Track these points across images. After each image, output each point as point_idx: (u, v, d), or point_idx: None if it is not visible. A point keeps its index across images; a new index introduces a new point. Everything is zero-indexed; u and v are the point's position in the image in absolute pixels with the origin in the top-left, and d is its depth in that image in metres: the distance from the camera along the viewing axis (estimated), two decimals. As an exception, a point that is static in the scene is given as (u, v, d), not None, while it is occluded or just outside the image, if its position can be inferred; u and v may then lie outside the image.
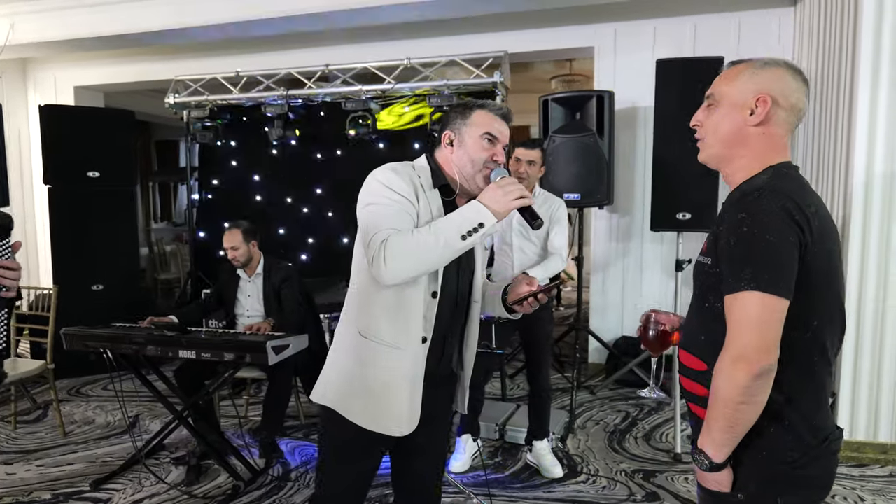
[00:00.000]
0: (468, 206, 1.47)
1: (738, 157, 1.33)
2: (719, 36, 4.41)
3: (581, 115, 4.07)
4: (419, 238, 1.43)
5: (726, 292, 1.21)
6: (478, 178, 1.60)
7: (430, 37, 4.97)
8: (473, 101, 1.66)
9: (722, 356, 1.20)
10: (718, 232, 1.24)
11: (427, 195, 1.58)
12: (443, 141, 1.65)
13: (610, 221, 4.79)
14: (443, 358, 1.71)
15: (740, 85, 1.31)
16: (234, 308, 3.53)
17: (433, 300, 1.60)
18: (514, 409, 3.87)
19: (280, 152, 5.10)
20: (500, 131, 1.62)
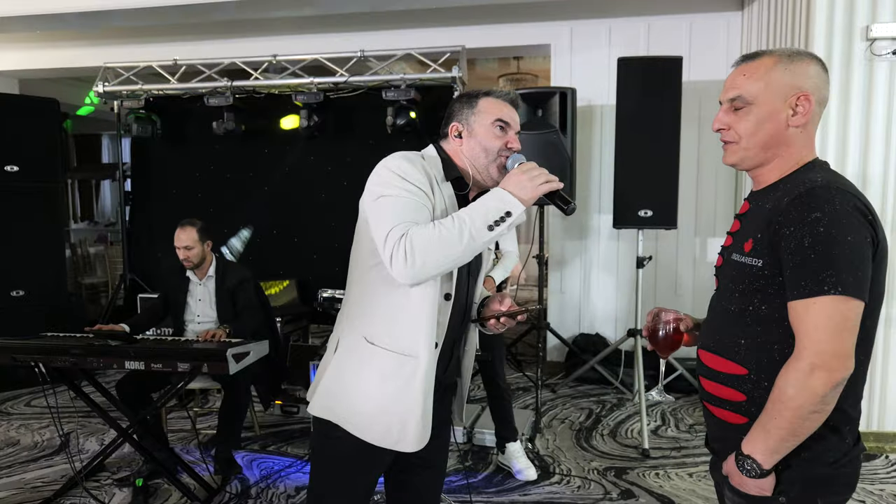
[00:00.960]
0: (492, 195, 1.36)
1: (775, 159, 1.28)
2: (672, 37, 4.50)
3: (543, 111, 4.04)
4: (443, 231, 1.31)
5: (798, 296, 1.14)
6: (492, 169, 1.51)
7: (385, 29, 4.82)
8: (477, 89, 1.56)
9: (795, 364, 1.14)
10: (781, 233, 1.17)
11: (441, 188, 1.46)
12: (450, 133, 1.54)
13: (567, 219, 4.79)
14: (450, 365, 1.60)
15: (776, 83, 1.24)
16: (183, 313, 3.26)
17: (446, 303, 1.47)
18: (479, 411, 3.79)
19: (224, 147, 4.79)
20: (511, 117, 1.53)
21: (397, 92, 4.28)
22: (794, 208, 1.16)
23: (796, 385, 1.12)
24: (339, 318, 1.57)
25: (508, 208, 1.33)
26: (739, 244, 1.30)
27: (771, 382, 1.21)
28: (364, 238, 1.47)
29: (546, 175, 1.38)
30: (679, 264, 4.68)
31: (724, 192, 4.58)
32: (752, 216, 1.32)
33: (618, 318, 4.77)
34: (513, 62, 7.23)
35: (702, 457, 3.32)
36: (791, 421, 1.14)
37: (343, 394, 1.49)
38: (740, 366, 1.26)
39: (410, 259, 1.30)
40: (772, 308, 1.22)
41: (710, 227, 4.61)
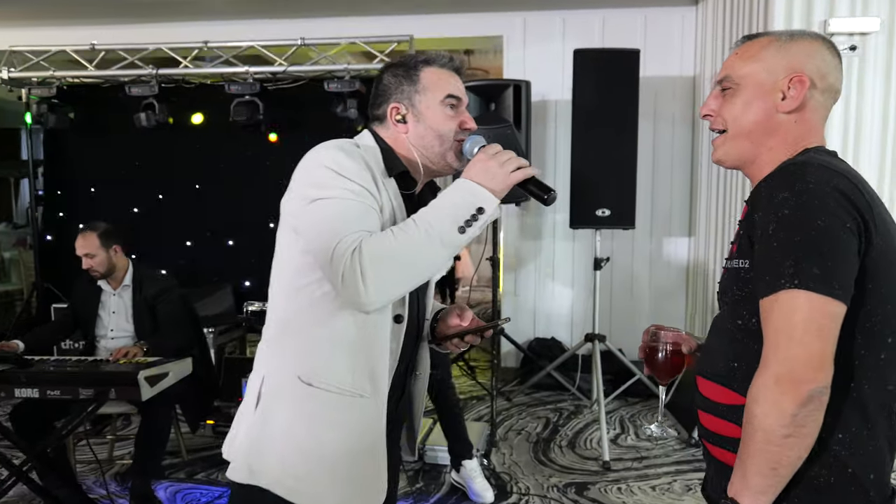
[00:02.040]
0: (457, 189, 1.11)
1: (762, 150, 1.09)
2: (627, 30, 4.36)
3: (496, 105, 3.82)
4: (405, 239, 1.07)
5: (762, 294, 0.95)
6: (449, 157, 1.25)
7: (328, 16, 4.50)
8: (411, 56, 1.28)
9: (759, 376, 0.94)
10: (752, 220, 0.99)
11: (385, 185, 1.20)
12: (389, 117, 1.26)
13: (521, 219, 4.60)
14: (402, 397, 1.35)
15: (766, 63, 1.06)
16: (95, 328, 2.87)
17: (398, 326, 1.22)
18: (430, 426, 3.53)
19: (150, 141, 4.38)
20: (460, 90, 1.27)
21: (341, 83, 4.00)
22: (763, 190, 0.98)
23: (761, 401, 0.93)
24: (260, 351, 1.26)
25: (480, 203, 1.09)
26: (731, 249, 1.11)
27: None
28: (289, 252, 1.20)
29: (517, 159, 1.14)
30: (635, 265, 4.55)
31: (679, 191, 4.48)
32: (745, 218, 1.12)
33: (574, 322, 4.61)
34: (463, 57, 7.03)
35: (664, 467, 3.18)
36: (763, 449, 0.93)
37: (273, 450, 1.18)
38: (736, 393, 1.04)
39: (368, 279, 1.04)
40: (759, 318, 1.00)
41: (666, 226, 4.50)
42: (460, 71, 1.30)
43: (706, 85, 4.18)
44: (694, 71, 4.39)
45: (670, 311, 4.51)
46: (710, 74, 4.10)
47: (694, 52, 4.39)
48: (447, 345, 1.36)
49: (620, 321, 4.54)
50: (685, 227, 4.48)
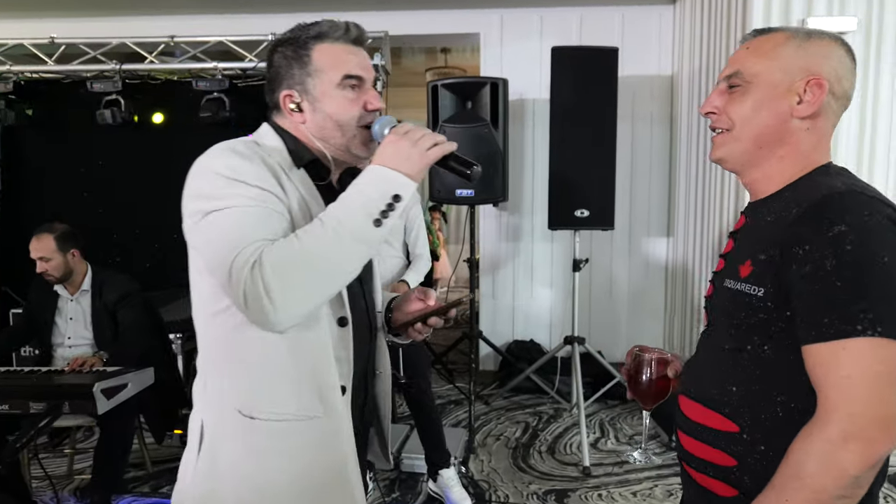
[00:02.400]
0: (368, 177, 1.00)
1: (772, 159, 1.01)
2: (604, 28, 4.31)
3: (473, 104, 3.74)
4: (311, 242, 0.95)
5: (819, 338, 0.86)
6: (354, 145, 1.12)
7: (299, 11, 4.36)
8: (302, 30, 1.11)
9: (820, 431, 0.85)
10: (791, 253, 0.89)
11: (292, 180, 1.07)
12: (283, 106, 1.12)
13: (499, 220, 4.53)
14: (366, 405, 1.23)
15: (782, 62, 0.98)
16: (51, 336, 2.72)
17: (343, 330, 1.10)
18: (407, 433, 3.44)
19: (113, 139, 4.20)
20: (362, 65, 1.12)
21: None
22: (808, 221, 0.89)
23: (821, 460, 0.83)
24: (195, 387, 1.13)
25: (395, 190, 0.98)
26: (734, 268, 1.02)
27: (769, 446, 0.93)
28: (199, 276, 1.07)
29: (432, 135, 1.03)
30: (614, 266, 4.51)
31: (657, 192, 4.45)
32: (750, 233, 1.04)
33: (552, 324, 4.55)
34: (440, 55, 6.93)
35: (644, 472, 3.12)
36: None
37: (225, 494, 1.06)
38: (730, 420, 0.98)
39: (274, 294, 0.92)
40: (777, 349, 0.94)
41: (644, 227, 4.47)
42: (361, 41, 1.14)
43: (684, 84, 4.15)
44: (672, 70, 4.37)
45: (649, 312, 4.48)
46: (688, 73, 4.08)
47: (672, 51, 4.36)
48: (410, 332, 1.25)
49: (599, 322, 4.49)
50: (663, 227, 4.45)
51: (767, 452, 0.94)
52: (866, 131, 3.17)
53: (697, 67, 3.92)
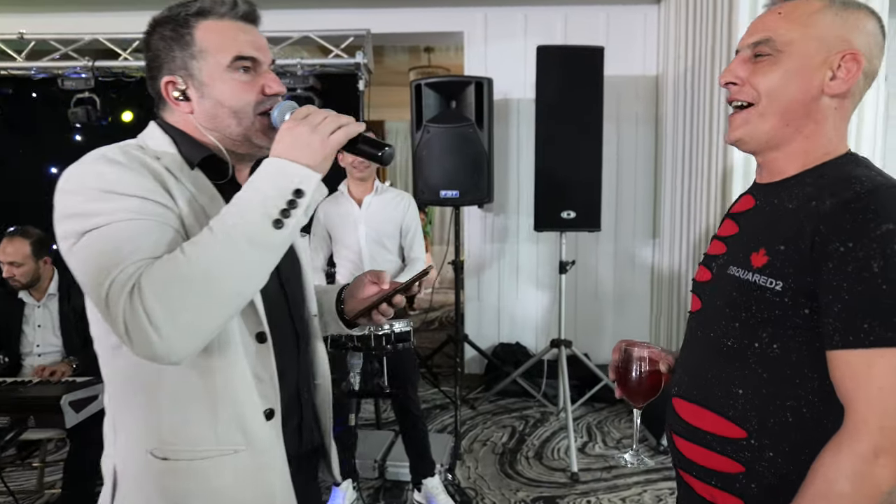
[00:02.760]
0: (263, 173, 0.87)
1: (797, 138, 0.94)
2: (589, 27, 4.27)
3: (457, 103, 3.67)
4: (199, 255, 0.81)
5: (854, 344, 0.80)
6: (253, 134, 1.00)
7: (280, 8, 4.27)
8: (182, 6, 0.98)
9: (850, 445, 0.80)
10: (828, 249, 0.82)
11: (186, 183, 0.94)
12: (166, 94, 0.99)
13: (484, 221, 4.47)
14: (302, 424, 1.10)
15: (819, 31, 0.90)
16: (20, 345, 2.60)
17: (263, 347, 0.98)
18: (392, 439, 3.36)
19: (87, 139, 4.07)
20: (256, 44, 0.99)
21: (294, 79, 3.79)
22: (851, 215, 0.81)
23: (853, 476, 0.78)
24: (105, 432, 1.01)
25: (295, 184, 0.86)
26: (741, 255, 0.95)
27: (779, 453, 0.87)
28: (89, 306, 0.95)
29: (336, 117, 0.91)
30: (599, 267, 4.48)
31: (643, 192, 4.42)
32: (763, 218, 0.96)
33: (538, 326, 4.50)
34: (424, 55, 6.87)
35: (633, 477, 3.08)
36: None
37: None
38: (736, 424, 0.92)
39: (158, 322, 0.78)
40: (787, 349, 0.88)
41: (630, 228, 4.44)
42: (252, 17, 1.00)
43: (669, 84, 4.12)
44: (657, 70, 4.34)
45: (635, 314, 4.45)
46: (673, 74, 4.05)
47: (657, 51, 4.33)
48: (374, 317, 1.14)
49: (585, 325, 4.45)
50: (649, 228, 4.43)
51: (776, 459, 0.89)
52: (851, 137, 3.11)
53: (683, 68, 3.89)
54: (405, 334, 2.01)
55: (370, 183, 2.76)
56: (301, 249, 1.15)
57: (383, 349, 1.97)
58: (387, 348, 1.97)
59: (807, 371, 0.87)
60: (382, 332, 1.96)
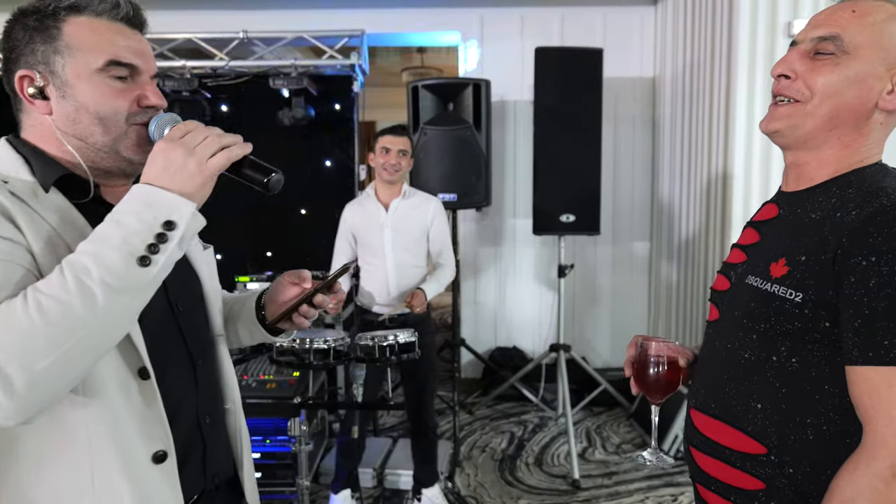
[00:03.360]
0: (127, 201, 0.78)
1: (837, 146, 0.90)
2: (586, 29, 4.24)
3: (455, 105, 3.63)
4: (44, 303, 0.71)
5: (872, 361, 0.77)
6: (124, 146, 0.89)
7: (273, 8, 4.21)
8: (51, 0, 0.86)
9: (868, 465, 0.78)
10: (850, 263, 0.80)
11: (37, 211, 0.82)
12: (20, 90, 0.87)
13: (481, 224, 4.43)
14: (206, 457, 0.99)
15: (890, 41, 0.86)
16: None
17: (147, 383, 0.87)
18: (390, 447, 3.32)
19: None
20: (137, 51, 0.89)
21: (287, 80, 3.72)
22: (876, 229, 0.79)
23: (871, 497, 0.76)
24: None
25: (166, 215, 0.76)
26: (761, 265, 0.92)
27: (799, 470, 0.85)
28: None
29: (218, 137, 0.81)
30: (597, 270, 4.45)
31: (640, 195, 4.40)
32: (785, 228, 0.93)
33: (535, 330, 4.47)
34: (416, 55, 6.81)
35: (635, 483, 3.06)
36: None
37: None
38: (755, 440, 0.89)
39: (2, 382, 0.69)
40: (806, 363, 0.85)
41: (628, 230, 4.41)
42: (137, 21, 0.90)
43: (666, 86, 4.10)
44: (654, 72, 4.32)
45: (633, 318, 4.43)
46: (671, 75, 4.03)
47: (654, 52, 4.31)
48: (295, 319, 1.07)
49: (582, 328, 4.43)
50: (646, 231, 4.40)
51: (796, 476, 0.86)
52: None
53: (680, 69, 3.87)
54: (410, 344, 1.97)
55: (399, 187, 2.68)
56: (202, 263, 1.05)
57: (388, 360, 1.93)
58: (391, 359, 1.93)
59: (827, 387, 0.85)
60: (387, 343, 1.91)
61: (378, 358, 1.88)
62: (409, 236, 2.65)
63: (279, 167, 0.88)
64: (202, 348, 1.02)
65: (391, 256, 2.63)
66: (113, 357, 0.83)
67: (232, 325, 1.15)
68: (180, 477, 0.91)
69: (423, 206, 2.70)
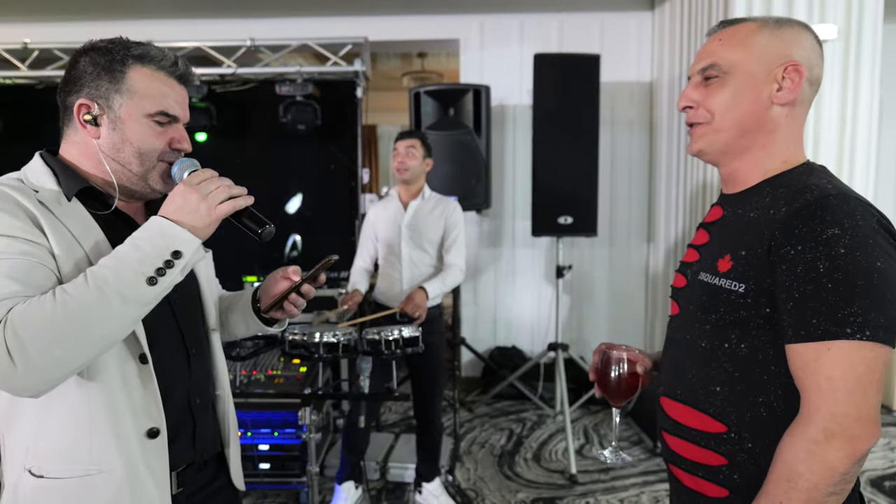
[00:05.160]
0: (148, 229, 0.94)
1: (754, 148, 1.02)
2: (584, 35, 4.34)
3: (455, 110, 3.74)
4: (68, 302, 0.86)
5: (805, 338, 0.87)
6: (151, 177, 1.06)
7: (279, 16, 4.33)
8: (123, 43, 1.04)
9: (804, 431, 0.87)
10: (781, 253, 0.90)
11: (59, 218, 0.97)
12: (77, 114, 1.02)
13: (480, 226, 4.52)
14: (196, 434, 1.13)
15: (758, 50, 0.99)
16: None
17: (145, 367, 1.01)
18: (392, 441, 3.42)
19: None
20: (180, 103, 1.07)
21: (293, 86, 3.83)
22: (801, 222, 0.89)
23: (808, 459, 0.85)
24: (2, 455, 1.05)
25: (175, 246, 0.92)
26: (710, 262, 1.02)
27: (757, 444, 0.95)
28: None
29: (228, 188, 0.98)
30: (594, 271, 4.54)
31: (637, 197, 4.49)
32: (728, 227, 1.04)
33: (533, 330, 4.56)
34: (416, 60, 6.91)
35: (631, 479, 3.14)
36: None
37: None
38: (716, 420, 0.99)
39: (19, 358, 0.83)
40: (754, 348, 0.95)
41: (625, 232, 4.50)
42: (186, 79, 1.08)
43: (664, 90, 4.19)
44: (651, 76, 4.41)
45: (630, 317, 4.52)
46: (668, 80, 4.12)
47: (651, 57, 4.40)
48: (286, 307, 1.21)
49: (580, 328, 4.52)
50: (643, 233, 4.49)
51: (755, 450, 0.96)
52: (846, 139, 3.21)
53: (677, 74, 3.96)
54: (414, 339, 2.07)
55: (418, 188, 2.78)
56: (200, 264, 1.19)
57: (392, 353, 2.03)
58: (396, 353, 2.04)
59: (773, 367, 0.94)
60: (392, 338, 2.02)
61: (383, 351, 1.98)
62: (424, 236, 2.75)
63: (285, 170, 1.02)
64: (196, 339, 1.16)
65: (406, 254, 2.74)
66: (117, 346, 0.97)
67: (230, 316, 1.30)
68: (172, 449, 1.06)
69: (440, 207, 2.80)
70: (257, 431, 2.76)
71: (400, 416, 3.96)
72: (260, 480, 2.77)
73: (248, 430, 2.76)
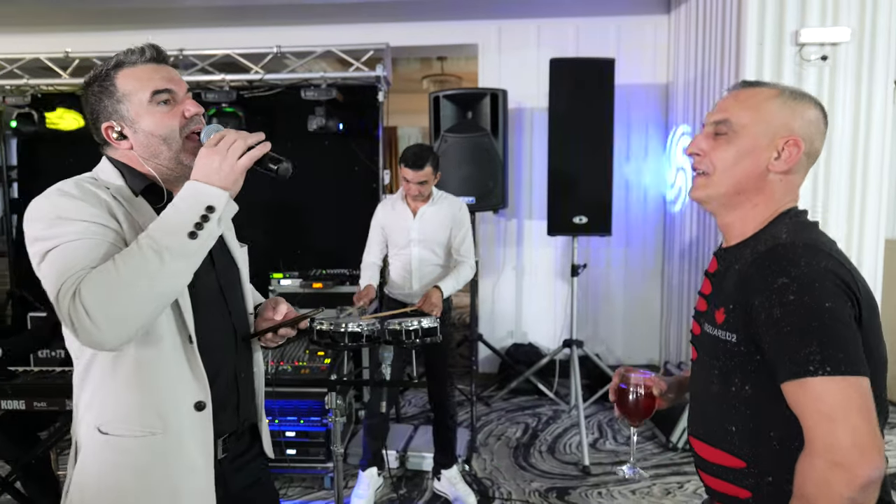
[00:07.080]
0: (182, 194, 1.06)
1: (747, 205, 1.11)
2: (600, 38, 4.43)
3: (473, 113, 3.86)
4: (124, 264, 1.00)
5: (785, 378, 0.96)
6: (184, 157, 1.17)
7: (304, 24, 4.50)
8: (103, 65, 1.17)
9: (809, 461, 0.95)
10: (751, 303, 0.99)
11: (130, 211, 1.13)
12: (108, 137, 1.17)
13: (497, 226, 4.64)
14: (240, 404, 1.29)
15: (768, 117, 1.07)
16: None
17: (191, 347, 1.16)
18: (411, 432, 3.55)
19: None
20: (168, 76, 1.17)
21: (317, 91, 3.99)
22: (757, 273, 1.00)
23: (816, 486, 0.93)
24: (75, 406, 1.20)
25: (208, 202, 1.04)
26: (711, 314, 1.12)
27: (776, 476, 1.03)
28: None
29: (243, 141, 1.08)
30: (610, 270, 4.63)
31: (653, 199, 4.56)
32: (721, 280, 1.13)
33: (550, 328, 4.66)
34: (436, 63, 7.04)
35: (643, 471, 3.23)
36: None
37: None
38: (736, 457, 1.08)
39: (97, 317, 0.98)
40: (756, 389, 1.04)
41: (641, 234, 4.58)
42: (160, 58, 1.18)
43: (679, 93, 4.27)
44: (667, 79, 4.48)
45: (645, 317, 4.60)
46: (683, 82, 4.20)
47: (667, 60, 4.48)
48: (263, 339, 1.34)
49: (595, 326, 4.61)
50: (659, 233, 4.57)
51: (776, 482, 1.03)
52: (860, 141, 3.25)
53: (693, 76, 4.03)
54: (432, 329, 2.21)
55: (426, 195, 2.86)
56: (239, 254, 1.35)
57: (413, 343, 2.18)
58: (416, 342, 2.18)
59: (777, 405, 1.01)
60: (413, 328, 2.16)
61: (404, 341, 2.13)
62: (433, 238, 2.87)
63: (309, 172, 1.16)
64: (241, 319, 1.32)
65: (415, 256, 2.87)
66: (171, 326, 1.13)
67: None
68: (220, 419, 1.21)
69: (448, 209, 2.90)
70: (284, 419, 2.93)
71: (419, 409, 4.10)
72: (287, 465, 2.93)
73: (275, 417, 2.92)
